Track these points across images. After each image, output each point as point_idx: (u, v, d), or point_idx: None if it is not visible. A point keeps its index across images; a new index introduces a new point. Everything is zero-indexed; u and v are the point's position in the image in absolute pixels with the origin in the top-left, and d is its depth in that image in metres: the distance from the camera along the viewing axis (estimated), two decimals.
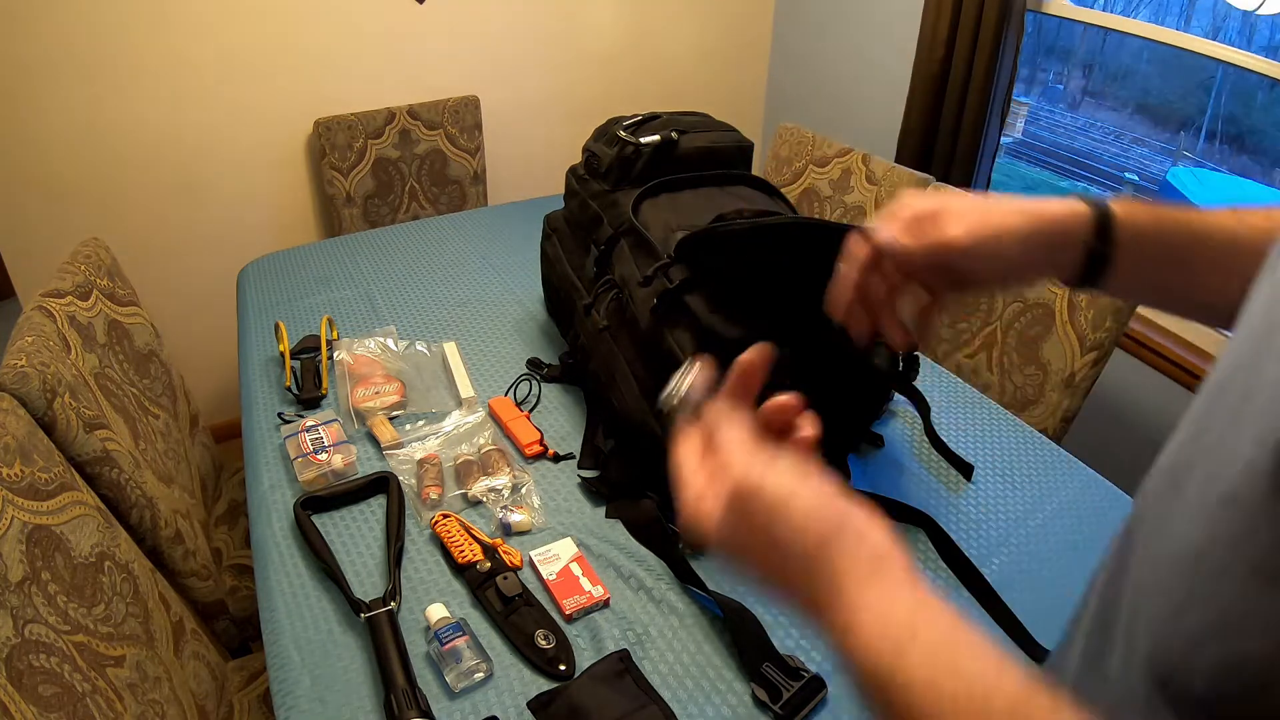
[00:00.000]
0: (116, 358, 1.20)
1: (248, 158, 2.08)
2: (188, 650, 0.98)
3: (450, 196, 2.34)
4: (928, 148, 2.14)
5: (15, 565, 0.71)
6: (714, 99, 2.71)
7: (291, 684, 0.76)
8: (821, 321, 0.65)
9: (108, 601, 0.84)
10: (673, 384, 0.51)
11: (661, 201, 1.05)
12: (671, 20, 2.56)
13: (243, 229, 2.14)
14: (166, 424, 1.30)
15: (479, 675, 0.76)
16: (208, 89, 1.96)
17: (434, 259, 1.61)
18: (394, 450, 1.04)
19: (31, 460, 0.81)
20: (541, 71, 2.43)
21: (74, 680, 0.73)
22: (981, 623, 0.83)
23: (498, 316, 1.39)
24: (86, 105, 1.84)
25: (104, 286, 1.25)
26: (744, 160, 1.17)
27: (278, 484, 1.01)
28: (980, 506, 0.99)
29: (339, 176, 2.14)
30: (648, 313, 0.92)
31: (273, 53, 2.00)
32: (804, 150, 1.84)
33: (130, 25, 1.82)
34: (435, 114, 2.22)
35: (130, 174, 1.95)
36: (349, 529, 0.94)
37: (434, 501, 0.96)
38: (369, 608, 0.81)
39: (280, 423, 1.11)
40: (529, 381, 1.19)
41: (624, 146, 1.11)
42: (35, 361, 0.91)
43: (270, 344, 1.30)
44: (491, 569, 0.86)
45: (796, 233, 0.92)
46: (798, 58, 2.71)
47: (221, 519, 1.37)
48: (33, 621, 0.70)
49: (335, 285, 1.50)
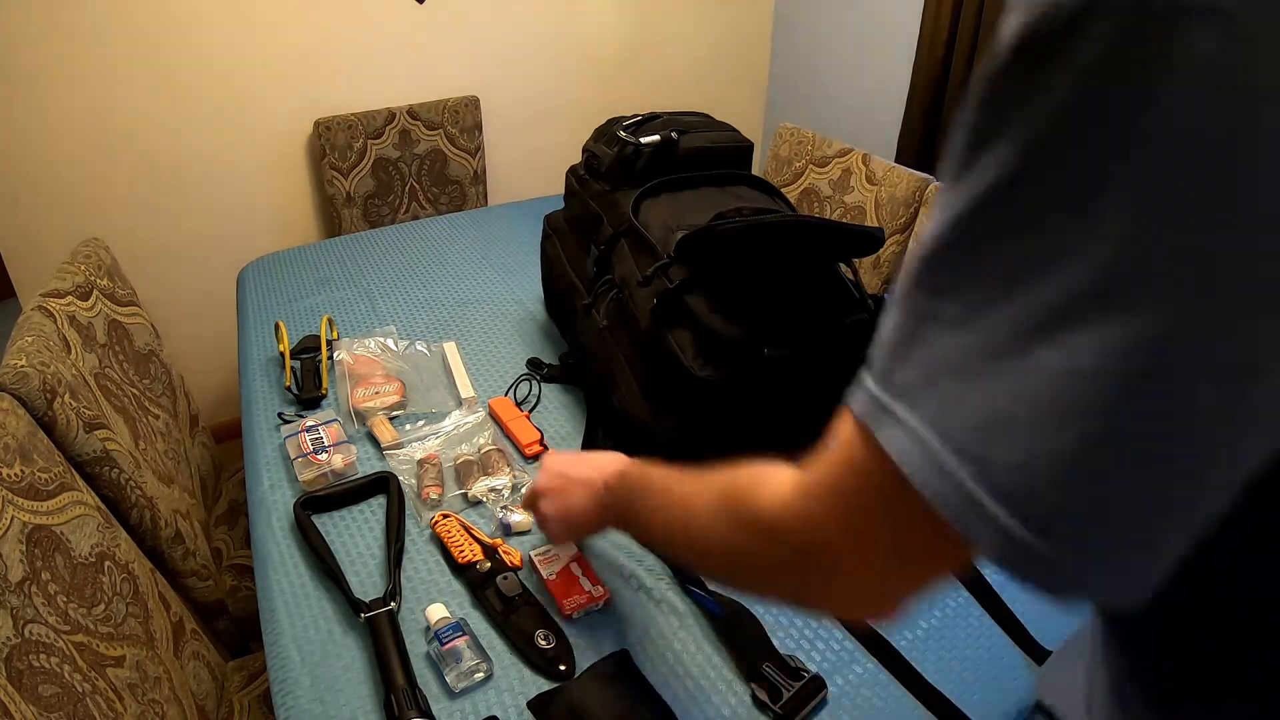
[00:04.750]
0: (116, 358, 1.20)
1: (248, 158, 2.08)
2: (188, 650, 0.98)
3: (450, 196, 2.34)
4: (928, 148, 2.13)
5: (15, 565, 0.71)
6: (714, 99, 2.71)
7: (291, 684, 0.76)
8: (821, 321, 0.65)
9: (108, 601, 0.84)
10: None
11: (661, 201, 1.05)
12: (672, 20, 2.56)
13: (243, 229, 2.14)
14: (166, 424, 1.30)
15: (479, 675, 0.76)
16: (208, 89, 1.96)
17: (434, 259, 1.61)
18: (394, 450, 1.04)
19: (31, 460, 0.81)
20: (541, 71, 2.43)
21: (74, 680, 0.73)
22: (981, 623, 0.83)
23: (498, 316, 1.39)
24: (87, 105, 1.84)
25: (104, 286, 1.25)
26: (744, 160, 1.17)
27: (278, 484, 1.01)
28: None
29: (339, 176, 2.14)
30: (648, 313, 0.92)
31: (273, 53, 2.00)
32: (804, 150, 1.84)
33: (130, 25, 1.82)
34: (435, 114, 2.22)
35: (130, 174, 1.95)
36: (349, 529, 0.94)
37: (434, 501, 0.96)
38: (369, 608, 0.81)
39: (280, 423, 1.11)
40: (529, 381, 1.19)
41: (624, 146, 1.11)
42: (35, 361, 0.91)
43: (270, 344, 1.30)
44: (491, 569, 0.85)
45: (796, 232, 0.92)
46: (798, 58, 2.71)
47: (221, 519, 1.37)
48: (33, 621, 0.70)
49: (335, 285, 1.50)
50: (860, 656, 0.79)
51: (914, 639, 0.81)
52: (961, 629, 0.82)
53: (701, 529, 0.50)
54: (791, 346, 0.86)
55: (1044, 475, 0.26)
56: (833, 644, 0.81)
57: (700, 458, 0.90)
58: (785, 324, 0.87)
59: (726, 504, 0.47)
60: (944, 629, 0.82)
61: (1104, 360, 0.25)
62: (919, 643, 0.81)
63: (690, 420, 0.91)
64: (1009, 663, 0.79)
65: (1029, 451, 0.26)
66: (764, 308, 0.88)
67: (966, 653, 0.80)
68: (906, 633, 0.82)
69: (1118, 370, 0.25)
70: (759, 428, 0.88)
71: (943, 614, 0.84)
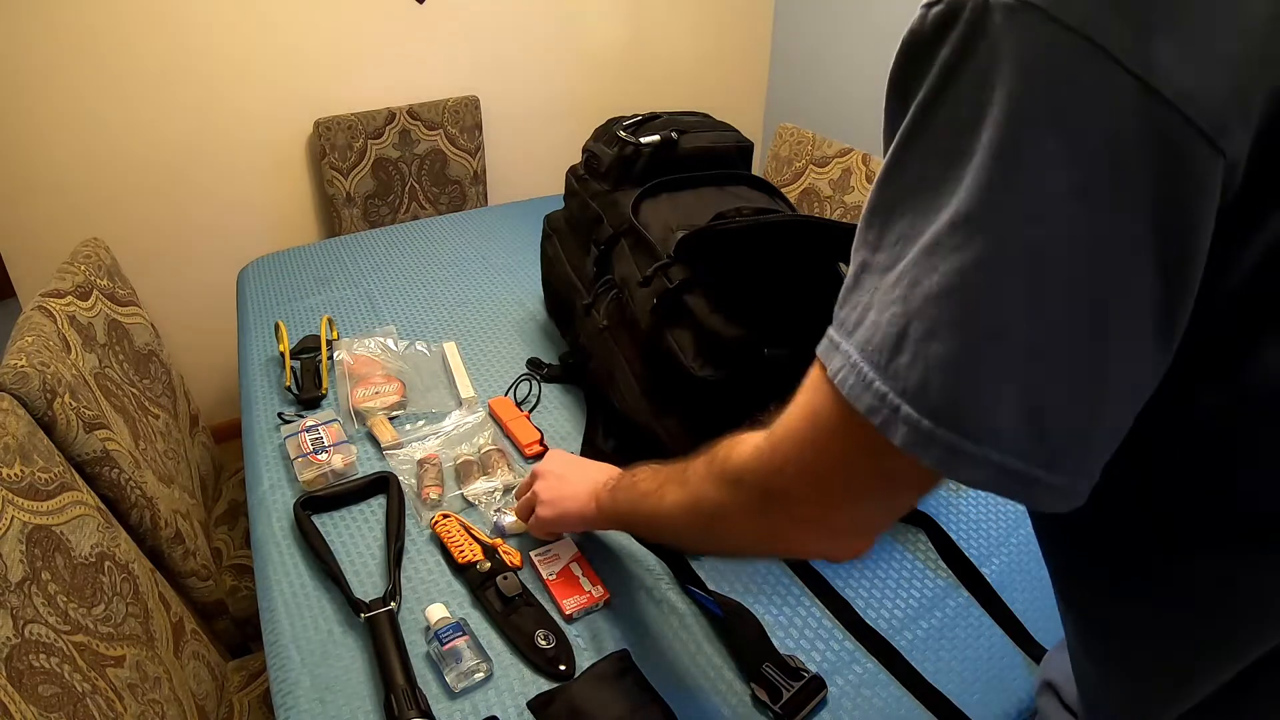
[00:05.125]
0: (116, 358, 1.20)
1: (248, 158, 2.08)
2: (188, 650, 0.98)
3: (450, 196, 2.34)
4: None
5: (15, 565, 0.71)
6: (714, 99, 2.71)
7: (291, 684, 0.76)
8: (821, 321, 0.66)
9: (108, 601, 0.84)
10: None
11: (661, 201, 1.05)
12: (672, 20, 2.56)
13: (243, 229, 2.14)
14: (166, 424, 1.30)
15: (479, 675, 0.76)
16: (208, 89, 1.96)
17: (434, 259, 1.61)
18: (394, 450, 1.04)
19: (31, 460, 0.81)
20: (541, 71, 2.43)
21: (74, 680, 0.73)
22: (981, 623, 0.83)
23: (498, 316, 1.39)
24: (87, 105, 1.84)
25: (104, 286, 1.25)
26: (744, 160, 1.17)
27: (278, 484, 1.01)
28: (980, 506, 0.99)
29: (339, 176, 2.14)
30: (648, 312, 0.92)
31: (273, 53, 2.00)
32: (804, 150, 1.84)
33: (130, 25, 1.82)
34: (435, 114, 2.22)
35: (130, 174, 1.95)
36: (349, 529, 0.94)
37: (434, 501, 0.96)
38: (369, 608, 0.81)
39: (280, 423, 1.11)
40: (529, 381, 1.19)
41: (624, 146, 1.11)
42: (35, 361, 0.91)
43: (270, 344, 1.30)
44: (491, 569, 0.85)
45: (796, 231, 0.92)
46: (798, 58, 2.71)
47: (221, 519, 1.37)
48: (33, 621, 0.70)
49: (335, 285, 1.50)
50: (860, 656, 0.79)
51: (914, 639, 0.81)
52: (961, 629, 0.82)
53: (690, 494, 0.56)
54: (791, 346, 0.86)
55: (936, 372, 0.33)
56: (833, 644, 0.81)
57: None
58: (785, 324, 0.87)
59: (709, 465, 0.53)
60: (944, 629, 0.82)
61: (960, 278, 0.32)
62: (919, 643, 0.81)
63: (690, 420, 0.91)
64: (1009, 663, 0.79)
65: (924, 355, 0.33)
66: (764, 308, 0.88)
67: (966, 653, 0.80)
68: (906, 633, 0.82)
69: (969, 284, 0.32)
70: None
71: (943, 614, 0.84)
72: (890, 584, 0.87)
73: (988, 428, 0.33)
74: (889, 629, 0.82)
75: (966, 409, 0.33)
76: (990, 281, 0.32)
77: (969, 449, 0.33)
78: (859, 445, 0.38)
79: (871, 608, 0.85)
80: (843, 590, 0.86)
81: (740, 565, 0.89)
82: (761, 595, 0.85)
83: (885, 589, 0.87)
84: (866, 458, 0.38)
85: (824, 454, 0.41)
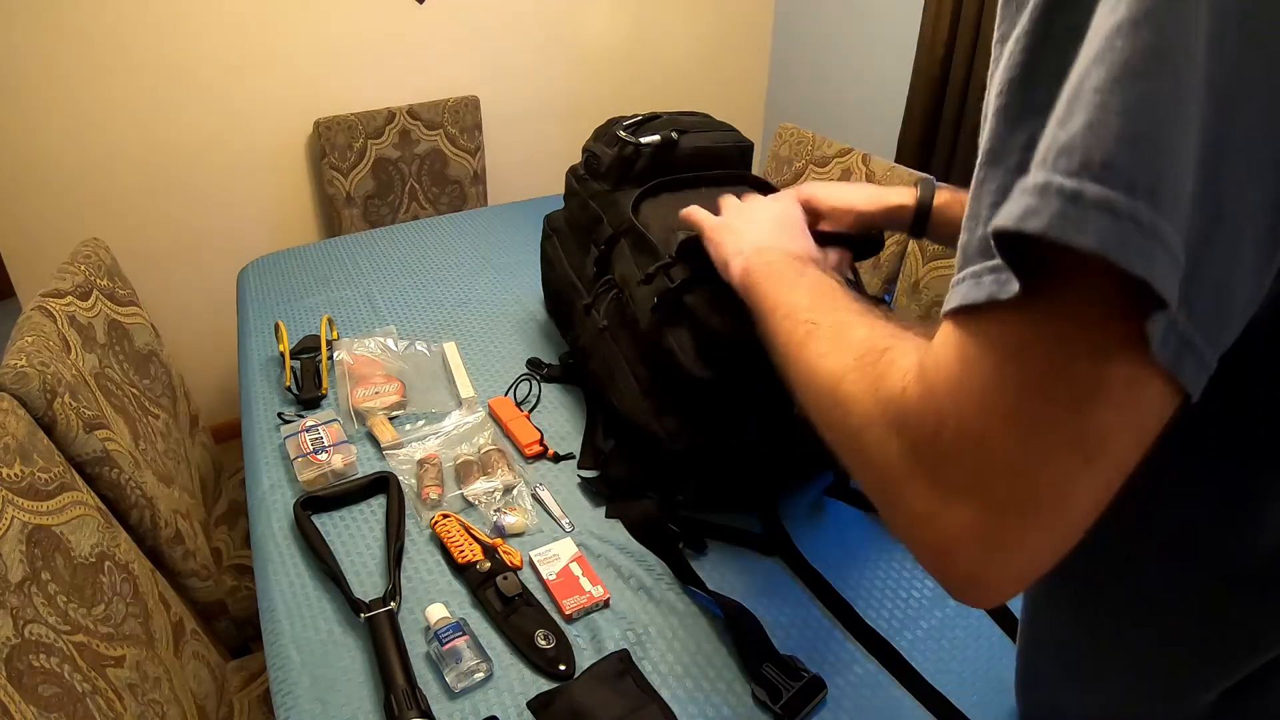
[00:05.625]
0: (116, 358, 1.20)
1: (248, 158, 2.09)
2: (188, 650, 0.98)
3: (450, 196, 2.34)
4: (928, 148, 2.13)
5: (15, 565, 0.71)
6: (714, 99, 2.71)
7: (291, 684, 0.76)
8: None
9: (108, 601, 0.84)
10: None
11: (662, 201, 1.05)
12: (672, 20, 2.56)
13: (243, 229, 2.14)
14: (166, 424, 1.30)
15: (479, 675, 0.76)
16: (208, 89, 1.96)
17: (434, 259, 1.61)
18: (394, 450, 1.04)
19: (31, 460, 0.81)
20: (541, 71, 2.43)
21: (74, 680, 0.73)
22: (981, 623, 0.83)
23: (498, 316, 1.39)
24: (87, 105, 1.84)
25: (104, 286, 1.25)
26: (744, 160, 1.17)
27: (278, 484, 1.01)
28: None
29: (339, 176, 2.14)
30: (648, 312, 0.92)
31: (273, 53, 2.00)
32: (804, 150, 1.84)
33: (130, 25, 1.82)
34: (435, 114, 2.22)
35: (130, 174, 1.95)
36: (349, 529, 0.94)
37: (434, 501, 0.96)
38: (369, 608, 0.81)
39: (280, 423, 1.11)
40: (529, 381, 1.19)
41: (624, 146, 1.11)
42: (35, 361, 0.91)
43: (270, 344, 1.30)
44: (491, 569, 0.85)
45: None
46: (798, 58, 2.71)
47: (221, 519, 1.37)
48: (33, 621, 0.70)
49: (335, 285, 1.50)
50: (860, 656, 0.79)
51: (914, 639, 0.81)
52: (961, 629, 0.82)
53: (828, 369, 0.47)
54: None
55: (1112, 148, 0.30)
56: (833, 644, 0.81)
57: (700, 458, 0.90)
58: None
59: (861, 361, 0.44)
60: (944, 629, 0.82)
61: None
62: (919, 643, 0.81)
63: (690, 420, 0.91)
64: (1009, 663, 0.79)
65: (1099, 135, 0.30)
66: None
67: (966, 653, 0.80)
68: (906, 633, 0.82)
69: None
70: (759, 428, 0.88)
71: (943, 614, 0.84)
72: (890, 584, 0.87)
73: (1166, 199, 0.30)
74: (889, 629, 0.82)
75: (1153, 176, 0.30)
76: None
77: (1147, 216, 0.30)
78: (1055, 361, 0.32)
79: (871, 608, 0.85)
80: (843, 590, 0.86)
81: (740, 565, 0.89)
82: (761, 595, 0.85)
83: (885, 589, 0.87)
84: (1073, 376, 0.32)
85: (1017, 366, 0.33)
